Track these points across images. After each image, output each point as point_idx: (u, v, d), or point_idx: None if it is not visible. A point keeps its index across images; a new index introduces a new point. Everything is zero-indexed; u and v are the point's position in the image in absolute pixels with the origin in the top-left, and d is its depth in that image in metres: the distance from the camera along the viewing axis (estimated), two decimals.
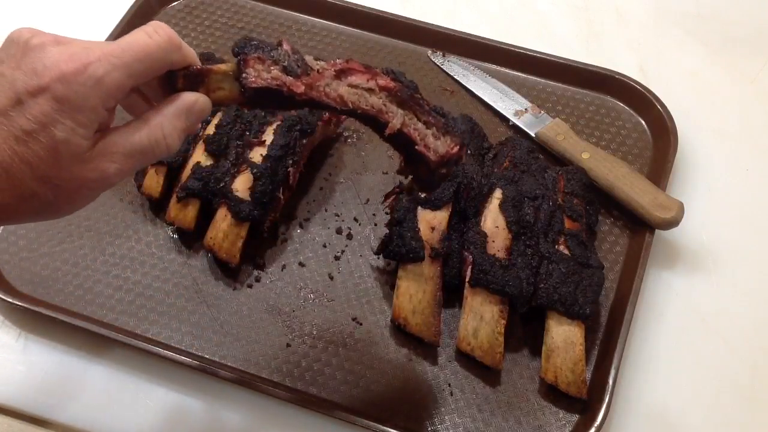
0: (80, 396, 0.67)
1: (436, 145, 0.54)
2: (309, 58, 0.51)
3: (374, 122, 0.53)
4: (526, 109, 0.83)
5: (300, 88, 0.50)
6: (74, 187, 0.44)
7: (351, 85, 0.51)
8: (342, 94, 0.51)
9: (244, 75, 0.49)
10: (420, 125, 0.53)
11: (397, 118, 0.52)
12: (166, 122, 0.47)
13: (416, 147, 0.54)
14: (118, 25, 0.87)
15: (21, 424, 0.68)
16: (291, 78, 0.50)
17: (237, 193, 0.70)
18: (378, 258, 0.73)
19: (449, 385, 0.67)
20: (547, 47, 0.87)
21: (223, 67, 0.50)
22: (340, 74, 0.51)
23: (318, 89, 0.50)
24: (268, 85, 0.49)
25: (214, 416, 0.66)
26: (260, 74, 0.49)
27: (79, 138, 0.43)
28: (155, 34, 0.46)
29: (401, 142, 0.54)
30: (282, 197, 0.72)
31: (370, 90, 0.52)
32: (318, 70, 0.51)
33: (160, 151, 0.47)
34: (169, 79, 0.48)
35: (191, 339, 0.69)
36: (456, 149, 0.55)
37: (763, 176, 0.81)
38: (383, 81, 0.52)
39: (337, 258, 0.73)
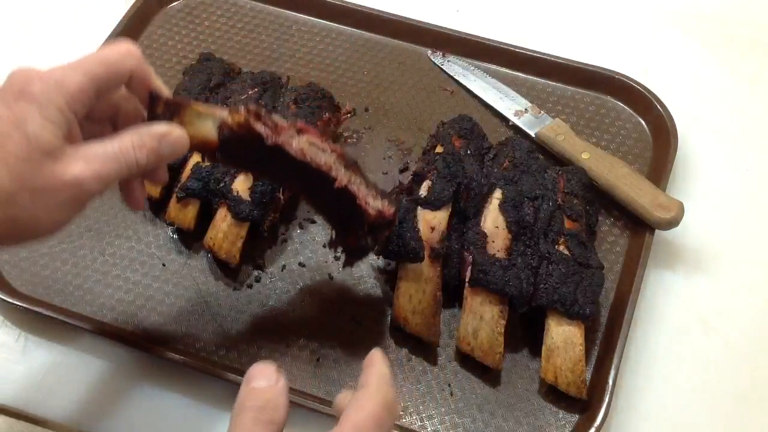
0: (80, 396, 0.67)
1: (375, 203, 0.60)
2: (274, 116, 0.57)
3: (316, 186, 0.59)
4: (526, 109, 0.83)
5: (277, 134, 0.56)
6: (49, 188, 0.47)
7: (309, 142, 0.58)
8: (302, 147, 0.57)
9: (228, 115, 0.54)
10: (362, 186, 0.60)
11: (344, 174, 0.59)
12: (137, 137, 0.51)
13: (357, 201, 0.59)
14: (118, 25, 0.87)
15: (21, 424, 0.68)
16: (267, 127, 0.56)
17: (237, 193, 0.70)
18: (378, 258, 0.73)
19: (449, 385, 0.67)
20: (547, 47, 0.87)
21: (202, 106, 0.55)
22: (299, 132, 0.58)
23: (285, 139, 0.56)
24: (249, 128, 0.54)
25: (215, 416, 0.66)
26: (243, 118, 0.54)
27: (49, 134, 0.47)
28: (115, 45, 0.52)
29: (341, 200, 0.59)
30: (282, 197, 0.72)
31: (323, 149, 0.58)
32: (283, 126, 0.57)
33: (128, 161, 0.50)
34: (150, 104, 0.53)
35: (191, 339, 0.69)
36: (391, 211, 0.61)
37: (763, 176, 0.81)
38: (332, 146, 0.59)
39: (337, 258, 0.73)
